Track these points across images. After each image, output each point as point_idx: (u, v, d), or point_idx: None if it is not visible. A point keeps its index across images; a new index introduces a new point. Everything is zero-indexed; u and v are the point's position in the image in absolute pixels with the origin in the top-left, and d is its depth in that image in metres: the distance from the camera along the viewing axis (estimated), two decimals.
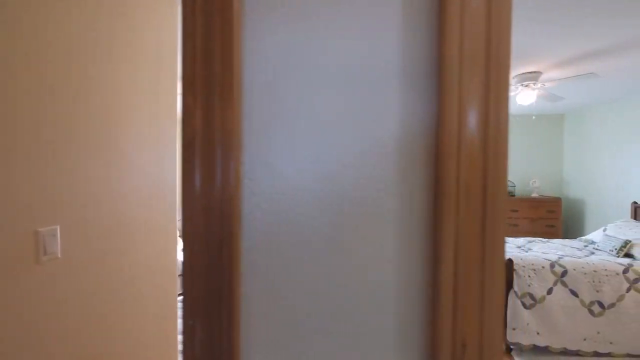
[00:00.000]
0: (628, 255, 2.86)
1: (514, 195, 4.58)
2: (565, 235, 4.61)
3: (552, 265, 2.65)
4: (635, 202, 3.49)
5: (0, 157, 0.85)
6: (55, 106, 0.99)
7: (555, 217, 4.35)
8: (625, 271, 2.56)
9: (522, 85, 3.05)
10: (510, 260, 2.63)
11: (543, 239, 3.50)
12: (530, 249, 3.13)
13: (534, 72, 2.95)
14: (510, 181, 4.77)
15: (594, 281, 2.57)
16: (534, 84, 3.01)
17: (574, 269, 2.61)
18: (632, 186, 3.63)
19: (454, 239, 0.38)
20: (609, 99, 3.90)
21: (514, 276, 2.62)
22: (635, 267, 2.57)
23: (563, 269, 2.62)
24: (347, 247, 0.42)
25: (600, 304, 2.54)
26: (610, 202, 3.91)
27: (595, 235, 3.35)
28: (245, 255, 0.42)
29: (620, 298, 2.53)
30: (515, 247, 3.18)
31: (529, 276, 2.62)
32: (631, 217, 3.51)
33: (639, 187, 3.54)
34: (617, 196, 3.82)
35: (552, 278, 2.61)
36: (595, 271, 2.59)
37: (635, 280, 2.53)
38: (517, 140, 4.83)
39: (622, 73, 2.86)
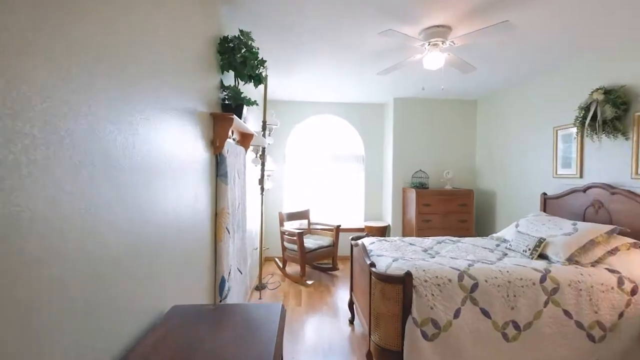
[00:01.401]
0: (542, 256, 2.38)
1: (427, 188, 4.09)
2: (477, 230, 4.29)
3: (460, 277, 1.98)
4: (544, 194, 3.17)
5: None
6: None
7: (467, 210, 3.96)
8: (543, 279, 2.03)
9: (429, 43, 2.37)
10: (408, 275, 1.89)
11: (453, 238, 2.93)
12: (437, 253, 2.49)
13: (442, 26, 2.29)
14: (424, 171, 4.27)
15: (508, 295, 1.97)
16: (443, 43, 2.36)
17: (486, 280, 1.98)
18: (541, 176, 3.31)
19: None
20: (518, 82, 3.56)
21: (414, 296, 1.89)
22: (552, 274, 2.05)
23: (474, 282, 1.97)
24: None
25: (516, 325, 1.96)
26: (520, 194, 3.59)
27: (507, 232, 2.89)
28: None
29: (538, 315, 1.97)
30: (422, 251, 2.52)
31: (433, 294, 1.91)
32: (541, 209, 3.19)
33: (548, 177, 3.22)
34: (526, 187, 3.50)
35: (461, 294, 1.94)
36: (509, 282, 2.00)
37: (554, 291, 2.00)
38: (432, 126, 4.37)
39: (539, 27, 2.34)
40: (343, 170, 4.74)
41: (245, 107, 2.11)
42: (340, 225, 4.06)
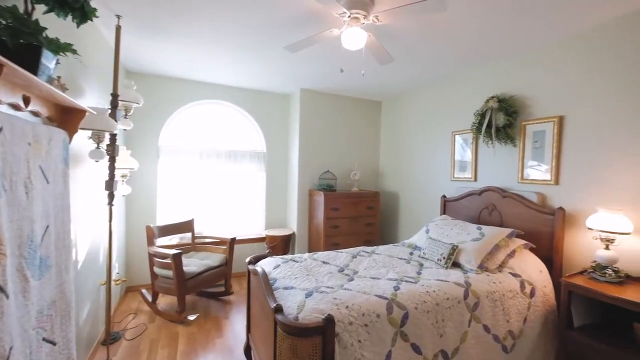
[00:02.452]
0: (455, 264, 2.25)
1: (335, 190, 3.75)
2: (383, 233, 4.22)
3: (389, 309, 1.58)
4: (444, 196, 3.21)
5: None
6: None
7: (374, 213, 3.82)
8: (466, 295, 1.83)
9: (350, 16, 1.91)
10: (329, 321, 1.35)
11: (367, 249, 2.61)
12: (356, 272, 2.08)
13: None
14: (331, 173, 3.93)
15: (437, 321, 1.68)
16: (365, 17, 1.94)
17: (416, 307, 1.64)
18: (440, 179, 3.38)
19: None
20: (421, 85, 3.58)
21: (337, 349, 1.36)
22: (473, 288, 1.88)
23: (403, 312, 1.60)
24: None
25: (445, 354, 1.68)
26: (422, 196, 3.63)
27: (418, 239, 2.75)
28: None
29: (464, 337, 1.75)
30: (338, 272, 2.05)
31: (360, 340, 1.43)
32: (441, 211, 3.23)
33: (446, 180, 3.29)
34: (428, 189, 3.55)
35: (391, 332, 1.53)
36: (437, 304, 1.71)
37: (475, 307, 1.83)
38: (339, 124, 4.07)
39: (453, 29, 2.19)
40: (240, 170, 3.95)
41: (52, 58, 1.17)
42: (235, 238, 3.29)
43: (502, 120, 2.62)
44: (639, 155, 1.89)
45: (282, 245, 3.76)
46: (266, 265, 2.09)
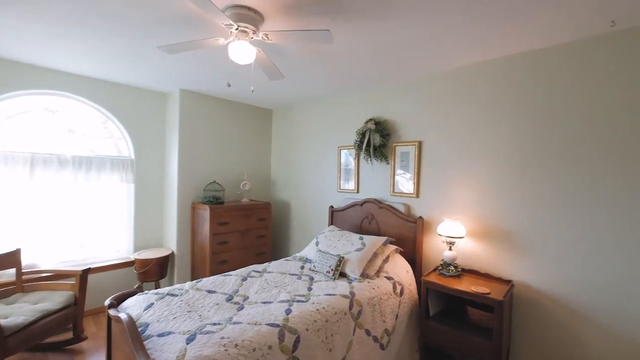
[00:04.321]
0: (342, 274, 2.41)
1: (223, 202, 3.47)
2: (275, 246, 4.17)
3: (281, 336, 1.52)
4: (332, 206, 3.43)
5: None
6: None
7: (265, 225, 3.73)
8: (351, 306, 1.96)
9: (237, 28, 1.78)
10: None
11: (259, 269, 2.50)
12: (246, 298, 1.94)
13: (253, 10, 1.77)
14: (218, 183, 3.62)
15: (327, 337, 1.73)
16: (254, 33, 1.84)
17: (307, 329, 1.65)
18: (329, 190, 3.59)
19: None
20: (312, 99, 3.73)
21: None
22: (357, 298, 2.04)
23: (295, 336, 1.57)
24: None
25: None
26: (313, 205, 3.78)
27: (309, 251, 2.83)
28: None
29: (349, 346, 1.87)
30: (226, 302, 1.87)
31: None
32: (329, 221, 3.43)
33: (334, 191, 3.52)
34: (317, 199, 3.72)
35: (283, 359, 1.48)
36: (327, 321, 1.77)
37: (358, 315, 1.98)
38: (226, 131, 3.81)
39: (353, 43, 2.33)
40: (96, 182, 3.17)
41: None
42: (89, 268, 2.61)
43: (378, 141, 2.98)
44: (468, 176, 2.46)
45: (157, 269, 3.22)
46: (134, 306, 1.71)
